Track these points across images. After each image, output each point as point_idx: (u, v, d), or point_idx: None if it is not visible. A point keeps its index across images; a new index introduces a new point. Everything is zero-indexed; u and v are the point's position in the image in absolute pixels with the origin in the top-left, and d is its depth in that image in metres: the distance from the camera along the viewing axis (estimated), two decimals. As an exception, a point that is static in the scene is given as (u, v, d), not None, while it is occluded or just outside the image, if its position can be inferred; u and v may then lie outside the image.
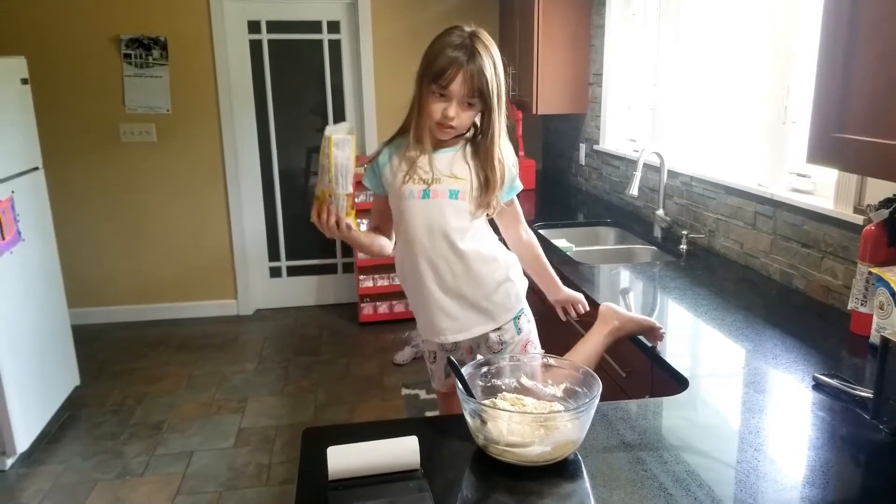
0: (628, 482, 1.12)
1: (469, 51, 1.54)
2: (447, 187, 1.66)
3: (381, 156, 1.72)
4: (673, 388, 1.52)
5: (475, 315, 1.75)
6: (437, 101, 1.58)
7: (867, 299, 1.68)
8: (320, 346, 4.10)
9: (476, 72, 1.54)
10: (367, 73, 4.36)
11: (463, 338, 1.77)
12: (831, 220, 1.96)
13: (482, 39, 1.58)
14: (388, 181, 1.70)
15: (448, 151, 1.68)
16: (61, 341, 3.34)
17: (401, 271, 1.80)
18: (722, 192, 2.52)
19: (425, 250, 1.68)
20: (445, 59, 1.54)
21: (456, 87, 1.55)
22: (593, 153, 3.77)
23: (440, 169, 1.66)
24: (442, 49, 1.56)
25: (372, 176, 1.75)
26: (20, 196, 2.97)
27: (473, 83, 1.55)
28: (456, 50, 1.54)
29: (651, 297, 2.20)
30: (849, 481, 1.19)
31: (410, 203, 1.67)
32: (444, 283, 1.71)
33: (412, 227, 1.68)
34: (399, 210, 1.70)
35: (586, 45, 3.69)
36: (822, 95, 1.33)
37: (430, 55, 1.58)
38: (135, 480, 2.76)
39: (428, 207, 1.66)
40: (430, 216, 1.66)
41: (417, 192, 1.65)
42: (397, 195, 1.69)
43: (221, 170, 4.38)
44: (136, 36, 4.10)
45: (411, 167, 1.65)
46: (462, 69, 1.54)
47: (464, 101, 1.57)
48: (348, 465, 1.10)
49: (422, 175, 1.65)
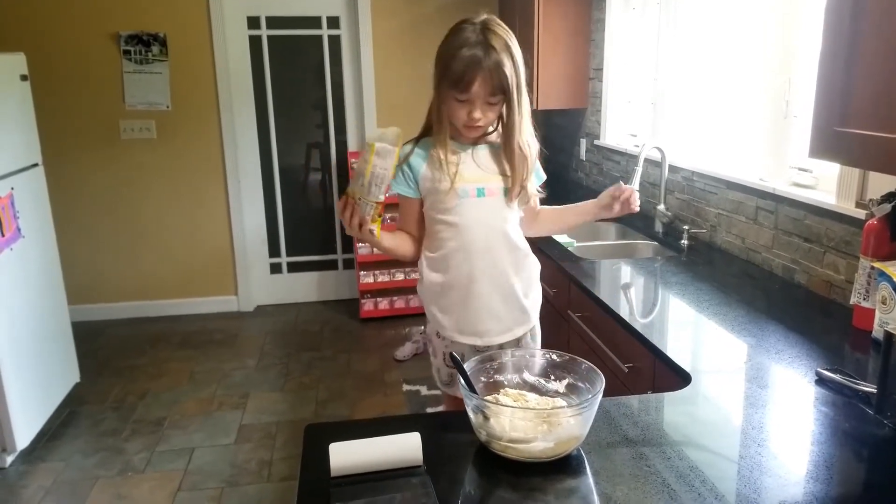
0: (631, 478, 1.12)
1: (484, 47, 1.49)
2: (499, 185, 1.65)
3: (412, 158, 1.66)
4: (675, 383, 1.51)
5: (518, 314, 1.76)
6: (460, 105, 1.55)
7: (869, 294, 1.68)
8: (321, 342, 4.09)
9: (495, 69, 1.50)
10: (366, 68, 4.35)
11: (506, 339, 1.76)
12: (833, 215, 1.95)
13: (494, 30, 1.52)
14: (428, 184, 1.64)
15: (487, 148, 1.66)
16: (61, 338, 3.33)
17: (445, 273, 1.70)
18: (723, 186, 2.51)
19: (483, 249, 1.66)
20: (462, 61, 1.49)
21: (477, 89, 1.51)
22: (594, 148, 3.76)
23: (487, 165, 1.65)
24: (457, 51, 1.51)
25: (404, 181, 1.67)
26: (20, 193, 2.96)
27: (494, 81, 1.51)
28: (471, 49, 1.49)
29: (652, 292, 2.20)
30: (852, 476, 1.19)
31: (465, 203, 1.63)
32: (498, 280, 1.69)
33: (468, 227, 1.64)
34: (448, 211, 1.64)
35: (586, 40, 3.67)
36: (825, 89, 1.33)
37: (445, 58, 1.53)
38: (136, 477, 2.76)
39: (484, 206, 1.65)
40: (488, 215, 1.65)
41: (472, 191, 1.63)
42: (446, 196, 1.63)
43: (221, 166, 4.37)
44: (135, 32, 4.09)
45: (455, 166, 1.61)
46: (480, 70, 1.49)
47: (486, 101, 1.54)
48: (350, 461, 1.10)
49: (472, 173, 1.63)
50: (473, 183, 1.63)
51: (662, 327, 1.87)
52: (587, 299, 2.14)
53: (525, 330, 1.80)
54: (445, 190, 1.63)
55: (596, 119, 3.70)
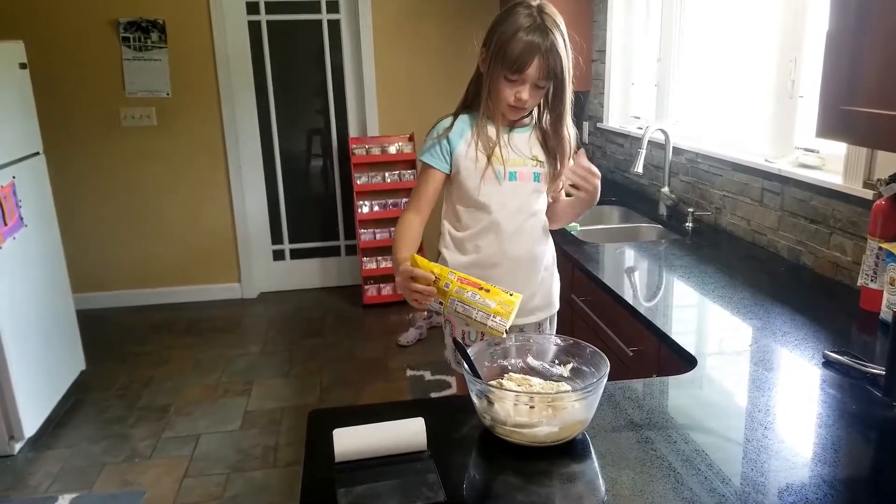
0: (637, 461, 1.11)
1: (543, 32, 1.49)
2: (532, 170, 1.64)
3: (452, 134, 1.63)
4: (680, 366, 1.50)
5: (539, 300, 1.77)
6: (510, 85, 1.54)
7: (877, 275, 1.66)
8: (324, 328, 4.10)
9: (552, 54, 1.49)
10: (366, 52, 4.31)
11: (528, 321, 1.76)
12: (840, 196, 1.93)
13: (551, 16, 1.52)
14: (462, 160, 1.62)
15: (523, 131, 1.66)
16: (66, 326, 3.34)
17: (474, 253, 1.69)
18: (728, 168, 2.49)
19: (512, 232, 1.66)
20: (521, 44, 1.48)
21: (531, 72, 1.51)
22: (597, 131, 3.73)
23: (522, 150, 1.64)
24: (515, 32, 1.49)
25: (440, 155, 1.64)
26: (21, 181, 2.95)
27: (549, 66, 1.51)
28: (530, 33, 1.48)
29: (657, 275, 2.18)
30: (860, 458, 1.18)
31: (498, 185, 1.62)
32: (525, 264, 1.71)
33: (499, 208, 1.64)
34: (481, 192, 1.63)
35: (589, 22, 3.63)
36: (832, 67, 1.31)
37: (502, 39, 1.51)
38: (143, 463, 2.77)
39: (516, 189, 1.64)
40: (520, 198, 1.65)
41: (505, 174, 1.62)
42: (482, 176, 1.62)
43: (223, 152, 4.36)
44: (134, 19, 4.06)
45: (493, 147, 1.60)
46: (538, 54, 1.49)
47: (535, 84, 1.54)
48: (355, 446, 1.10)
49: (508, 156, 1.62)
50: (509, 166, 1.63)
51: (667, 311, 1.86)
52: (591, 283, 2.13)
53: (547, 315, 1.81)
54: (482, 169, 1.62)
55: (599, 102, 3.67)
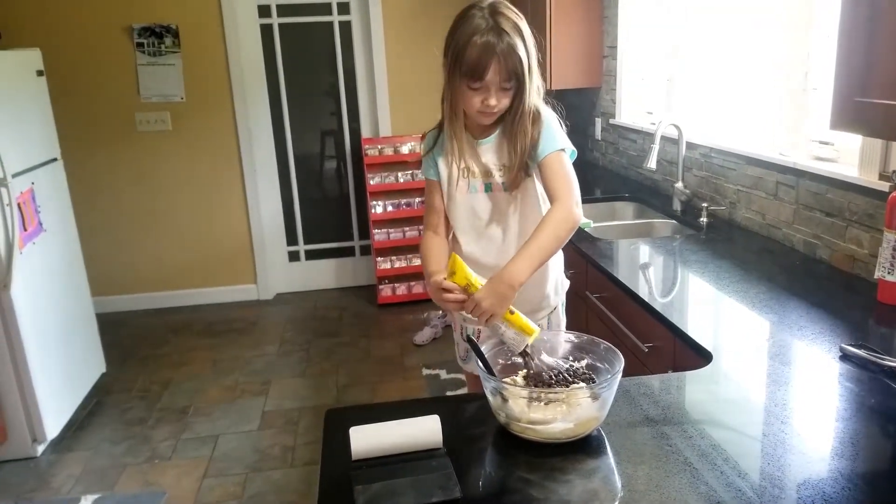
0: (653, 457, 1.11)
1: (496, 32, 1.46)
2: (501, 179, 1.63)
3: (436, 146, 1.68)
4: (696, 361, 1.50)
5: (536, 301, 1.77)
6: (474, 94, 1.52)
7: (894, 268, 1.65)
8: (340, 328, 4.12)
9: (508, 53, 1.46)
10: (378, 53, 4.32)
11: (542, 315, 1.78)
12: (856, 188, 1.92)
13: (504, 13, 1.49)
14: (443, 173, 1.67)
15: (491, 141, 1.64)
16: (86, 329, 3.39)
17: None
18: (742, 162, 2.47)
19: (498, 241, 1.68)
20: (475, 49, 1.46)
21: (491, 76, 1.48)
22: (609, 127, 3.72)
23: (491, 161, 1.63)
24: (468, 38, 1.47)
25: (432, 166, 1.70)
26: (40, 187, 3.00)
27: (508, 67, 1.48)
28: (483, 36, 1.46)
29: (672, 271, 2.18)
30: (879, 452, 1.17)
31: (471, 197, 1.65)
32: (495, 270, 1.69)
33: (460, 219, 1.68)
34: (456, 202, 1.67)
35: (599, 17, 3.62)
36: (845, 58, 1.30)
37: (456, 47, 1.49)
38: (163, 464, 2.80)
39: (492, 199, 1.65)
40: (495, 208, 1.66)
41: (479, 187, 1.64)
42: (455, 189, 1.65)
43: (237, 155, 4.39)
44: (147, 24, 4.10)
45: (464, 162, 1.63)
46: (494, 57, 1.46)
47: (500, 87, 1.51)
48: (371, 445, 1.11)
49: (480, 168, 1.63)
50: (480, 179, 1.64)
51: (682, 306, 1.85)
52: (605, 280, 2.13)
53: (545, 315, 1.80)
54: (454, 181, 1.64)
55: (611, 97, 3.66)
